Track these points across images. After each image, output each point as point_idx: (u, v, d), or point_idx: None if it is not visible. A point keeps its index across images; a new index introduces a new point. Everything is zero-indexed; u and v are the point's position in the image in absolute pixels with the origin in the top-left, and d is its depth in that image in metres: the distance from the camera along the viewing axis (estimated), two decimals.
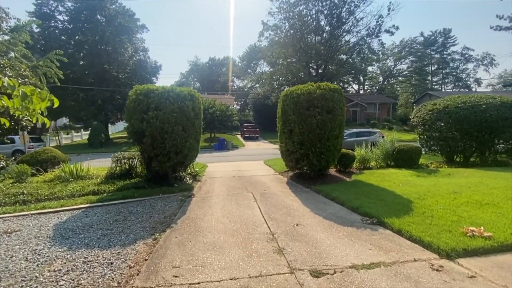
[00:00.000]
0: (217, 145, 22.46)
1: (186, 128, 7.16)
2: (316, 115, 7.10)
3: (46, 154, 11.04)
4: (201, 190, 7.33)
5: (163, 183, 7.56)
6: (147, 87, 6.99)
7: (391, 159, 10.14)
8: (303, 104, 7.22)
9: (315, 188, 7.04)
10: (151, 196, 6.67)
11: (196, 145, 7.86)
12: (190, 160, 7.87)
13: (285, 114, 7.80)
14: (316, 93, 7.20)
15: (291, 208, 5.37)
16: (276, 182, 8.18)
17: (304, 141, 7.28)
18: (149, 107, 6.82)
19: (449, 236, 3.52)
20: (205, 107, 26.40)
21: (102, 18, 26.58)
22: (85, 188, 7.18)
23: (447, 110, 10.03)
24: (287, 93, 7.84)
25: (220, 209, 5.46)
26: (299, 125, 7.24)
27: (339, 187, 6.88)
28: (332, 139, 7.41)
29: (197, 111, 7.58)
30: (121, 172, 8.67)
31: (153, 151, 6.99)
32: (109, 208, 5.76)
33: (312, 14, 34.71)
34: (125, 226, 4.62)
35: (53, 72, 13.57)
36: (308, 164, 7.49)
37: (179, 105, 6.97)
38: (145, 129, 6.77)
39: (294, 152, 7.62)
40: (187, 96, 7.25)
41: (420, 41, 65.47)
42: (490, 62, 66.88)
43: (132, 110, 7.03)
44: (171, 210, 5.49)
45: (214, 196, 6.59)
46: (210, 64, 69.79)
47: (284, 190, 7.03)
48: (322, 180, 7.94)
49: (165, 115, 6.78)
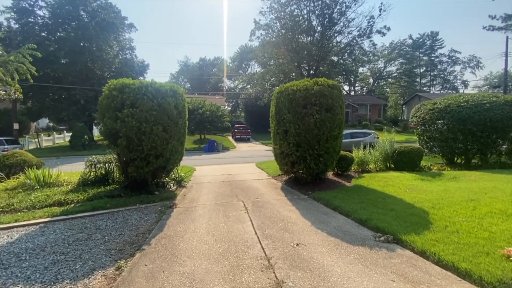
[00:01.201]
0: (207, 147, 21.54)
1: (167, 128, 6.29)
2: (314, 114, 6.37)
3: (15, 157, 9.89)
4: (185, 198, 6.47)
5: (142, 190, 6.67)
6: (122, 81, 6.10)
7: (391, 161, 9.54)
8: (300, 102, 6.48)
9: (313, 195, 6.30)
10: (126, 207, 5.78)
11: (180, 148, 7.00)
12: (173, 165, 6.99)
13: (279, 112, 7.05)
14: (313, 89, 6.48)
15: (289, 221, 4.60)
16: (270, 188, 7.41)
17: (301, 142, 6.54)
18: (124, 104, 5.93)
19: (488, 261, 2.82)
20: (195, 107, 25.44)
21: (84, 14, 25.24)
22: (50, 197, 6.20)
23: (448, 109, 9.51)
24: (282, 90, 7.10)
25: (205, 223, 4.63)
26: (295, 124, 6.50)
27: (340, 194, 6.16)
28: (331, 140, 6.70)
29: (180, 109, 6.73)
30: (96, 178, 7.71)
31: (129, 155, 6.10)
32: (73, 223, 4.84)
33: (304, 14, 34.27)
34: (85, 248, 3.73)
35: (25, 68, 12.44)
36: (305, 168, 6.75)
37: (158, 102, 6.11)
38: (119, 129, 5.88)
39: (289, 155, 6.87)
40: (169, 91, 6.40)
41: (409, 43, 66.40)
42: (476, 65, 68.50)
43: (105, 108, 6.13)
44: (147, 225, 4.63)
45: (200, 206, 5.75)
46: (201, 64, 68.68)
47: (279, 198, 6.26)
48: (320, 185, 7.22)
49: (143, 113, 5.91)
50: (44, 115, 25.26)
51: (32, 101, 23.62)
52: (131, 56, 31.04)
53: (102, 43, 25.28)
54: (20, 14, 23.13)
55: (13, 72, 11.93)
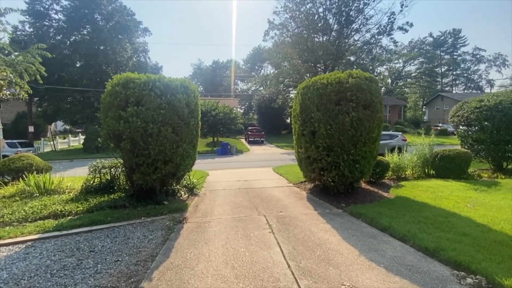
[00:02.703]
0: (220, 150, 20.75)
1: (177, 129, 5.45)
2: (350, 111, 5.34)
3: (21, 161, 9.39)
4: (197, 210, 5.58)
5: (149, 200, 5.86)
6: (126, 76, 5.31)
7: (431, 167, 8.31)
8: (332, 97, 5.47)
9: (349, 209, 5.25)
10: (129, 220, 4.95)
11: (192, 151, 6.14)
12: (184, 171, 6.14)
13: (305, 111, 6.05)
14: (348, 83, 5.45)
15: (328, 246, 3.59)
16: (294, 198, 6.41)
17: (333, 145, 5.51)
18: (128, 102, 5.14)
19: None
20: (208, 109, 24.82)
21: (99, 17, 25.28)
22: (47, 207, 5.49)
23: (500, 107, 8.18)
24: (308, 84, 6.10)
25: (221, 246, 3.70)
26: (326, 124, 5.48)
27: (383, 208, 5.07)
28: (370, 143, 5.63)
29: (192, 108, 5.88)
30: (100, 185, 6.97)
31: (134, 160, 5.29)
32: (64, 242, 4.05)
33: (320, 13, 33.05)
34: (69, 282, 2.89)
35: (35, 68, 12.08)
36: (337, 176, 5.71)
37: (167, 99, 5.27)
38: (123, 130, 5.08)
39: (318, 160, 5.85)
40: (179, 87, 5.55)
41: (429, 41, 63.70)
42: (502, 63, 64.83)
43: (108, 106, 5.36)
44: (150, 247, 3.75)
45: (214, 221, 4.84)
46: (214, 67, 68.50)
47: (307, 212, 5.25)
48: (354, 196, 6.15)
49: (149, 112, 5.08)
50: (59, 117, 25.37)
51: (48, 104, 23.76)
52: (144, 59, 30.97)
53: (116, 45, 25.22)
54: (35, 17, 23.37)
55: (22, 72, 11.56)
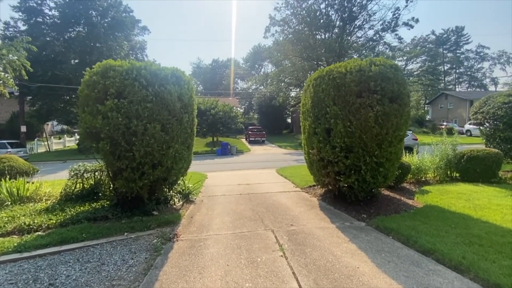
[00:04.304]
0: (220, 150, 19.88)
1: (168, 127, 4.57)
2: (374, 105, 4.45)
3: (2, 163, 8.59)
4: (192, 222, 4.71)
5: (135, 210, 4.99)
6: (106, 63, 4.43)
7: (455, 169, 7.43)
8: (352, 88, 4.58)
9: (373, 221, 4.36)
10: (109, 237, 4.09)
11: (186, 153, 5.26)
12: (176, 175, 5.25)
13: (318, 105, 5.17)
14: (371, 71, 4.56)
15: (361, 280, 2.71)
16: (304, 206, 5.53)
17: (353, 145, 4.63)
18: (107, 94, 4.26)
19: None
20: (207, 107, 23.98)
21: (94, 12, 24.38)
22: (14, 220, 4.63)
23: None
24: (322, 74, 5.21)
25: (219, 279, 2.83)
26: (345, 120, 4.60)
27: (416, 221, 4.19)
28: (396, 142, 4.76)
29: (186, 102, 4.99)
30: (83, 192, 6.11)
31: (116, 164, 4.41)
32: (22, 269, 3.18)
33: (322, 9, 32.18)
34: None
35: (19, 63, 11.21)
36: (357, 182, 4.83)
37: (156, 91, 4.39)
38: (101, 128, 4.21)
39: (334, 163, 4.97)
40: (170, 77, 4.67)
41: (432, 39, 62.72)
42: (506, 61, 63.90)
43: (85, 99, 4.48)
44: (128, 280, 2.88)
45: (211, 238, 3.96)
46: (213, 66, 67.55)
47: (324, 226, 4.37)
48: (375, 204, 5.27)
49: (133, 105, 4.21)
50: (53, 117, 24.47)
51: (41, 103, 22.86)
52: (142, 56, 30.09)
53: (112, 43, 24.32)
54: (28, 13, 22.44)
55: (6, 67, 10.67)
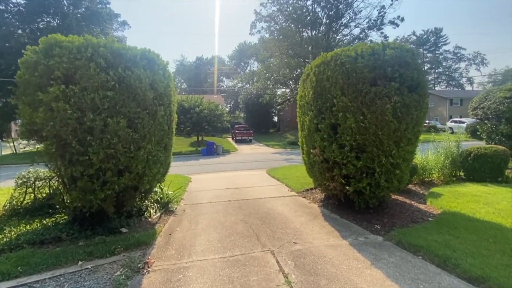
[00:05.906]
0: (205, 150, 18.78)
1: (137, 123, 3.58)
2: (392, 95, 3.69)
3: None
4: (170, 242, 3.75)
5: (97, 227, 3.97)
6: (51, 37, 3.36)
7: (461, 168, 6.91)
8: (365, 75, 3.78)
9: (393, 235, 3.59)
10: (56, 269, 3.07)
11: (162, 155, 4.27)
12: (151, 183, 4.24)
13: (322, 96, 4.35)
14: (387, 54, 3.80)
15: None
16: (305, 215, 4.71)
17: (367, 144, 3.85)
18: (50, 78, 3.21)
19: None
20: (191, 105, 22.74)
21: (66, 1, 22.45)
22: None
23: None
24: (326, 59, 4.39)
25: None
26: (357, 114, 3.81)
27: (445, 235, 3.46)
28: (415, 139, 4.04)
29: (161, 91, 4.00)
30: (35, 204, 4.98)
31: (67, 170, 3.38)
32: None
33: (308, 6, 31.74)
34: None
35: None
36: (369, 186, 4.07)
37: (120, 75, 3.39)
38: (43, 123, 3.16)
39: (341, 165, 4.17)
40: (140, 59, 3.67)
41: (413, 40, 64.44)
42: (481, 61, 66.80)
43: (24, 87, 3.40)
44: None
45: (194, 267, 3.03)
46: (197, 63, 65.68)
47: (334, 243, 3.55)
48: (387, 212, 4.54)
49: (87, 94, 3.18)
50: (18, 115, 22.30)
51: (5, 100, 20.70)
52: None
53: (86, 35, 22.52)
54: None
55: None
